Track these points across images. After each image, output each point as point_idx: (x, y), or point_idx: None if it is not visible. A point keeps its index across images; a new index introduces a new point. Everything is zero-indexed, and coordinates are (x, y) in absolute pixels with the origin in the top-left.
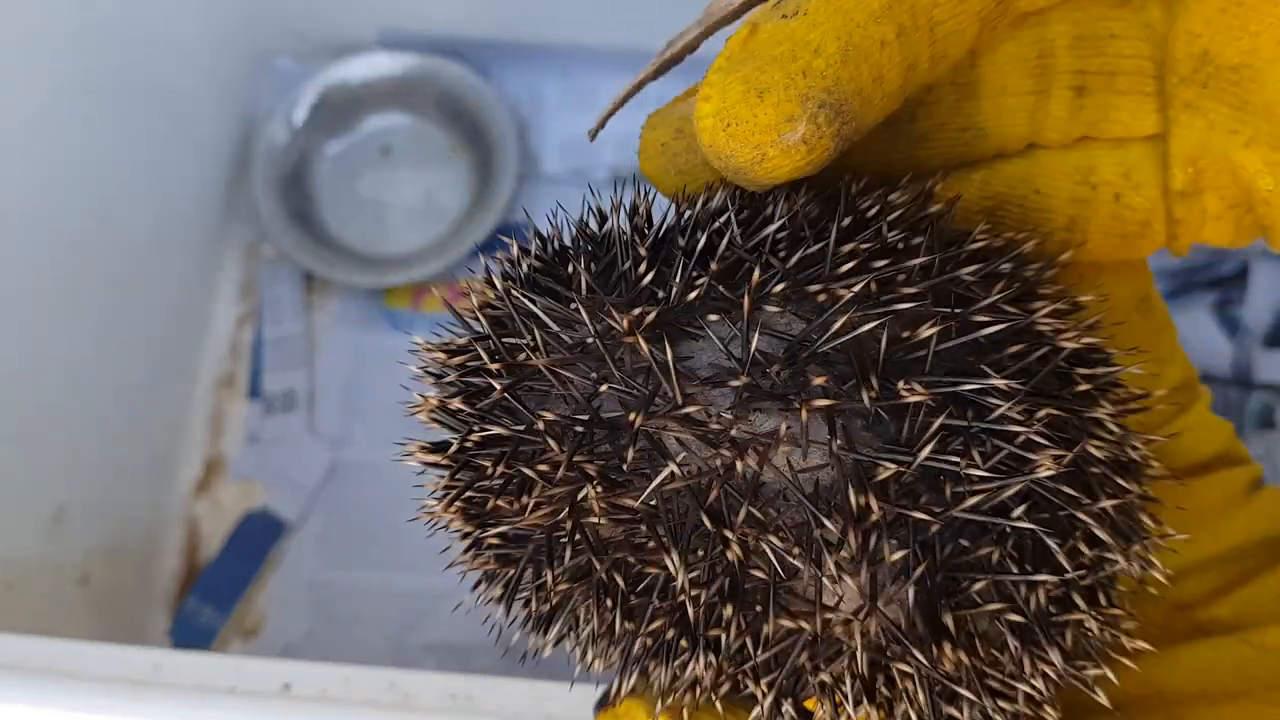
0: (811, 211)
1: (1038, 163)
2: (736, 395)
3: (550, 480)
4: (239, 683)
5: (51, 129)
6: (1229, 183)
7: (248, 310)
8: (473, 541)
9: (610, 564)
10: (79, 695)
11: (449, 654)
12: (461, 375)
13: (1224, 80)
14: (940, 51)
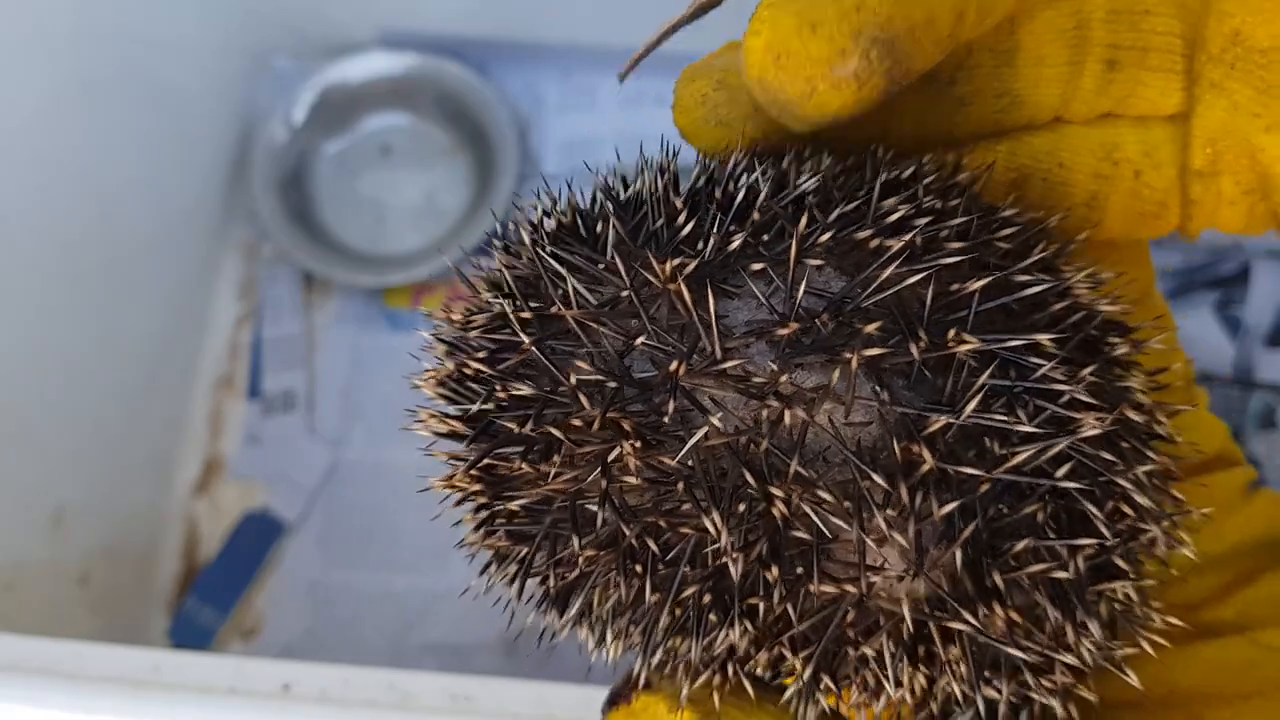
0: (839, 179)
1: (1063, 136)
2: (779, 348)
3: (580, 441)
4: (239, 683)
5: (51, 129)
6: (1247, 167)
7: (247, 310)
8: (488, 515)
9: (640, 529)
10: (79, 696)
11: (448, 654)
12: (484, 333)
13: (1252, 62)
14: (988, 5)
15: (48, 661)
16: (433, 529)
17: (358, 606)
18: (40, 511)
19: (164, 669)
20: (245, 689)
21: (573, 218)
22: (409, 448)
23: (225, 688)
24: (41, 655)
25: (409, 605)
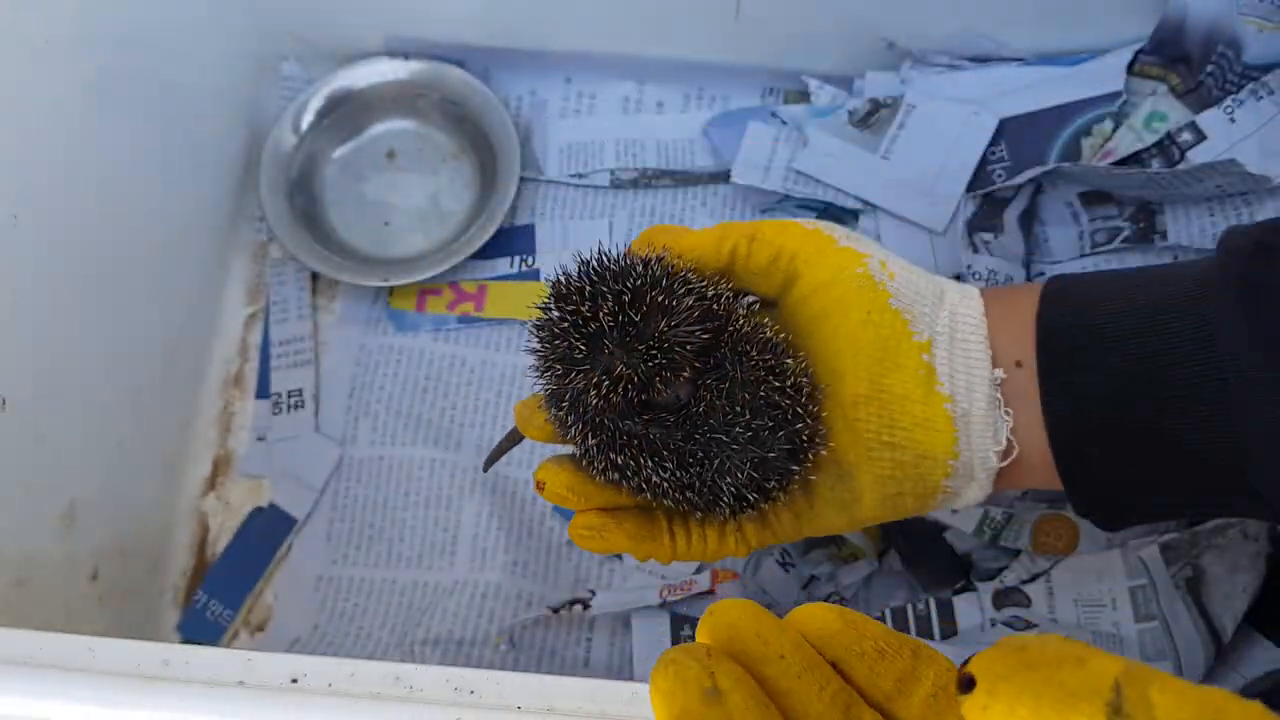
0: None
1: None
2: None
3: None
4: (247, 676)
5: (61, 133)
6: None
7: (256, 310)
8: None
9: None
10: (90, 690)
11: (453, 647)
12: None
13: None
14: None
15: (58, 657)
16: (437, 525)
17: (363, 600)
18: (52, 508)
19: (173, 662)
20: (254, 682)
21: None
22: (413, 445)
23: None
24: (52, 650)
25: (413, 600)
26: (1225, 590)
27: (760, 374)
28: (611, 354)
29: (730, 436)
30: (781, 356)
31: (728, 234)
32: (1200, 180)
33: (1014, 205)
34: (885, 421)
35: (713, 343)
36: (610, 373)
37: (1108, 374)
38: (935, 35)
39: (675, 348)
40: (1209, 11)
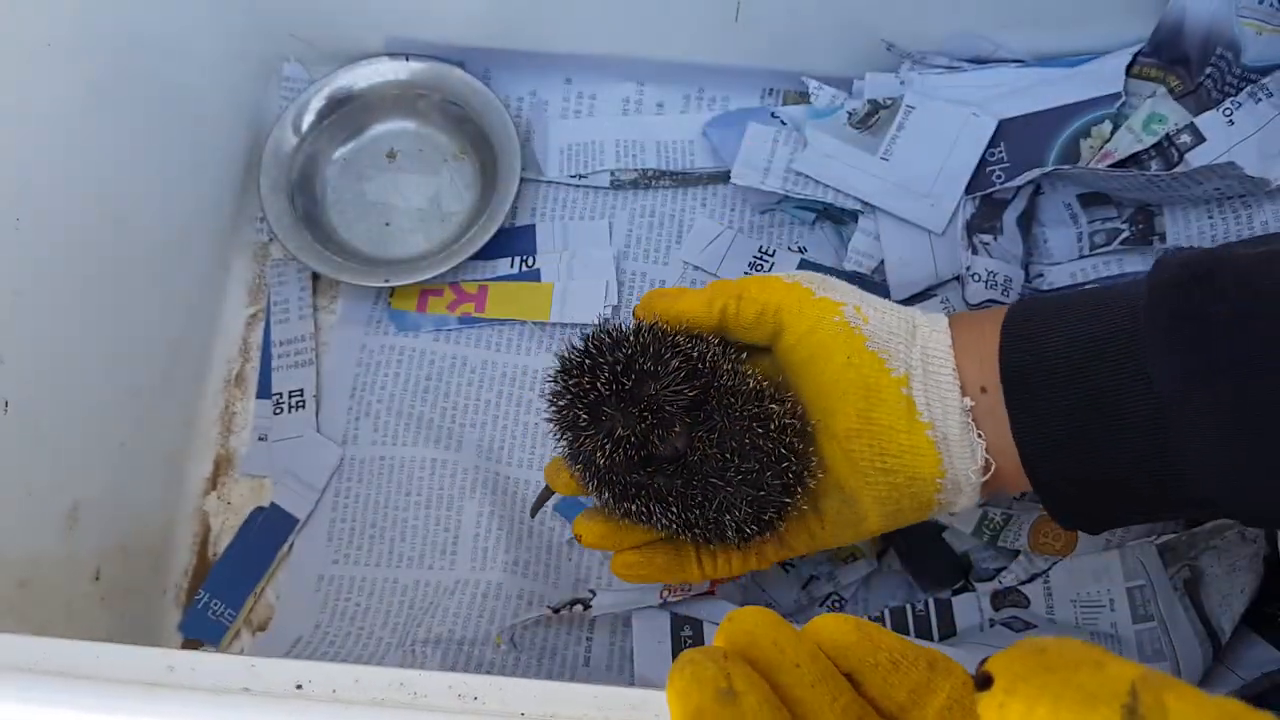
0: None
1: None
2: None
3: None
4: (252, 683)
5: (64, 134)
6: None
7: (257, 311)
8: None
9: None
10: (94, 696)
11: (454, 646)
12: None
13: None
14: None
15: (62, 663)
16: (438, 525)
17: (365, 600)
18: (55, 509)
19: (178, 669)
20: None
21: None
22: (414, 445)
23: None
24: (56, 656)
25: (415, 599)
26: (1223, 591)
27: (746, 422)
28: (611, 419)
29: (724, 480)
30: (766, 403)
31: (716, 295)
32: (1199, 183)
33: (1013, 207)
34: (877, 451)
35: (701, 398)
36: (611, 435)
37: (1064, 405)
38: (934, 36)
39: (666, 407)
40: (1208, 13)
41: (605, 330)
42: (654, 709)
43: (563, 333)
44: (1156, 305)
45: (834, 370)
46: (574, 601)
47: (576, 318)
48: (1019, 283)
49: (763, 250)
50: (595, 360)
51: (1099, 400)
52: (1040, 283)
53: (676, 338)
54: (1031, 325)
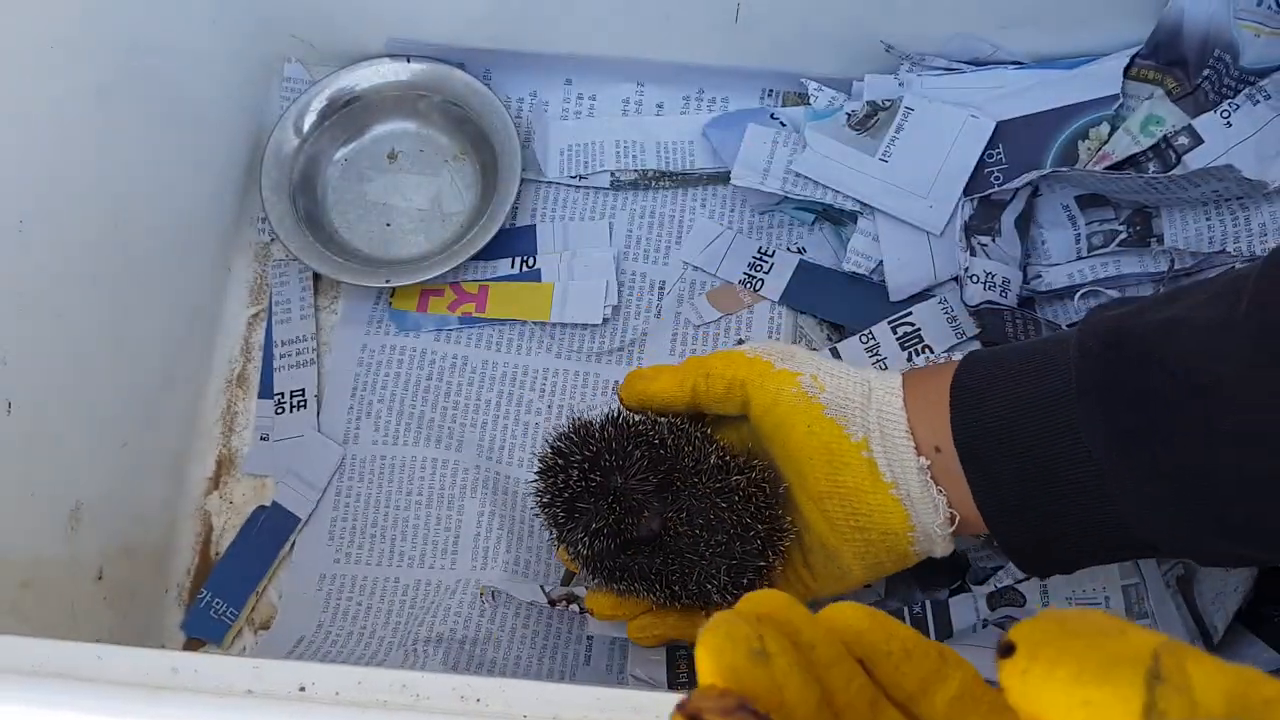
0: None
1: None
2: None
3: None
4: (255, 685)
5: (66, 135)
6: None
7: (259, 311)
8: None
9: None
10: (97, 699)
11: (455, 645)
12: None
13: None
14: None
15: (65, 665)
16: (439, 525)
17: (366, 599)
18: (58, 510)
19: (181, 670)
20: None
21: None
22: (415, 445)
23: (242, 689)
24: (59, 659)
25: (416, 598)
26: (1216, 589)
27: (711, 498)
28: (585, 513)
29: (698, 554)
30: (731, 475)
31: (687, 374)
32: (1196, 185)
33: (1011, 208)
34: (849, 511)
35: (667, 480)
36: (588, 529)
37: (1011, 474)
38: (933, 38)
39: (634, 495)
40: (1206, 15)
41: (574, 429)
42: (656, 711)
43: (563, 332)
44: (1081, 372)
45: (798, 438)
46: (571, 598)
47: (577, 318)
48: (1017, 284)
49: (762, 251)
50: (567, 460)
51: (1042, 469)
52: (1038, 284)
53: (640, 426)
54: (976, 390)
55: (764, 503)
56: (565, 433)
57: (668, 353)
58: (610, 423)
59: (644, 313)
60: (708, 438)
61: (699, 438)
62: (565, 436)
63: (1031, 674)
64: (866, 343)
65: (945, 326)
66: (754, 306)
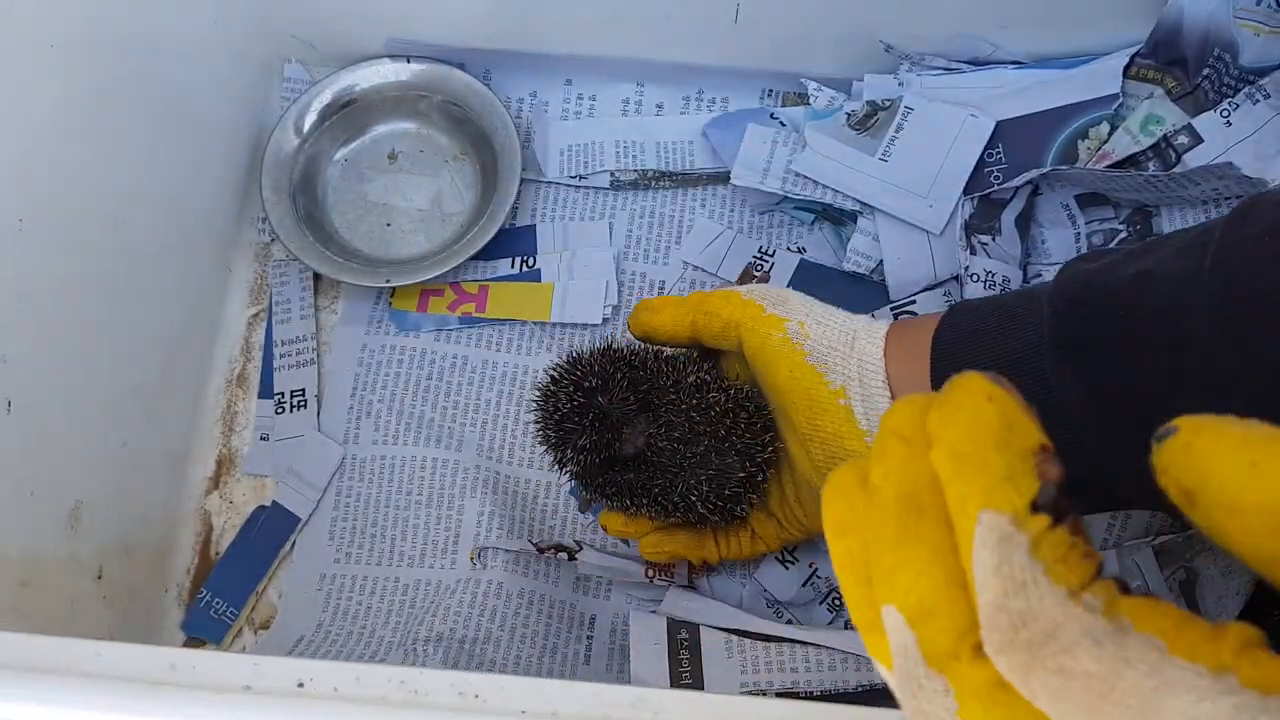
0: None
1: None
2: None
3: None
4: (254, 681)
5: (67, 136)
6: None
7: (259, 311)
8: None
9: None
10: (96, 695)
11: (455, 645)
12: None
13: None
14: None
15: (64, 662)
16: (439, 524)
17: (367, 599)
18: (58, 509)
19: (180, 667)
20: (260, 686)
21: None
22: (415, 445)
23: (241, 686)
24: (58, 655)
25: (416, 598)
26: (1218, 592)
27: (687, 413)
28: (572, 432)
29: (679, 466)
30: (707, 393)
31: (686, 310)
32: (1196, 184)
33: (1011, 207)
34: (828, 453)
35: (647, 400)
36: (575, 447)
37: None
38: (933, 38)
39: (615, 413)
40: (1205, 15)
41: (568, 360)
42: (653, 707)
43: (563, 333)
44: (1054, 326)
45: (781, 382)
46: (559, 547)
47: (577, 318)
48: (1017, 283)
49: (762, 250)
50: (558, 386)
51: None
52: (1038, 283)
53: (626, 353)
54: (955, 344)
55: (744, 419)
56: (560, 363)
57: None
58: (600, 352)
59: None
60: (691, 361)
61: (682, 362)
62: (559, 366)
63: (1195, 445)
64: None
65: None
66: None
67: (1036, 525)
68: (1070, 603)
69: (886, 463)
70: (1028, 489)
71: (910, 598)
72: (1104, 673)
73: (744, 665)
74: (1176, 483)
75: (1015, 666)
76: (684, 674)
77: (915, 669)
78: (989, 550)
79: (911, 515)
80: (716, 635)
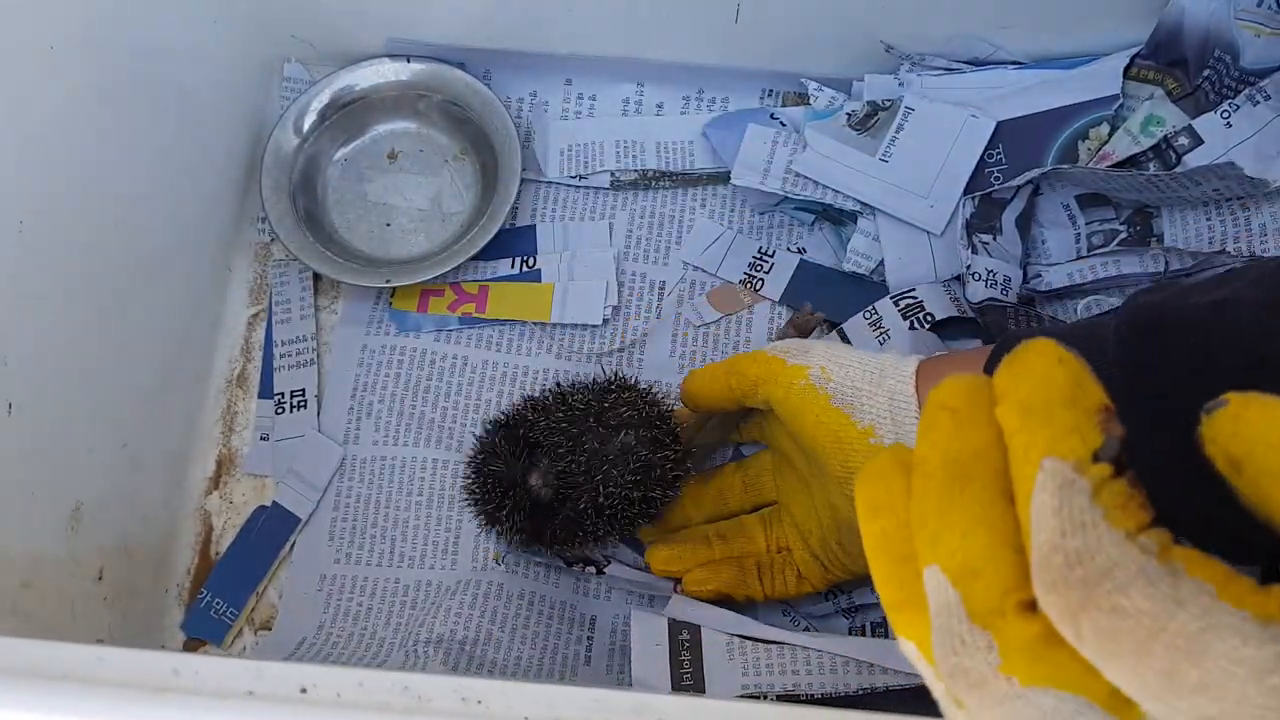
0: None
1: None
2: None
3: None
4: (256, 686)
5: (67, 135)
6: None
7: (259, 311)
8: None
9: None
10: (98, 700)
11: (455, 646)
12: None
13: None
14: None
15: (66, 667)
16: (439, 525)
17: (367, 600)
18: (58, 510)
19: (183, 672)
20: (263, 692)
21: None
22: (415, 445)
23: (243, 691)
24: (60, 660)
25: (417, 599)
26: None
27: (562, 426)
28: (495, 511)
29: (588, 470)
30: (570, 397)
31: (720, 375)
32: (1197, 184)
33: (1012, 207)
34: None
35: (532, 443)
36: (503, 521)
37: None
38: (933, 38)
39: (512, 472)
40: (1206, 16)
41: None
42: (656, 712)
43: (563, 333)
44: (1118, 356)
45: (809, 428)
46: (587, 560)
47: (577, 318)
48: (1017, 282)
49: (762, 251)
50: (475, 477)
51: None
52: (1038, 283)
53: (513, 419)
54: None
55: (613, 396)
56: (471, 456)
57: (668, 354)
58: (496, 431)
59: (644, 313)
60: (562, 398)
61: (557, 395)
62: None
63: (1244, 415)
64: (869, 317)
65: (947, 301)
66: (754, 307)
67: (1099, 473)
68: (1127, 543)
69: (934, 434)
70: (1092, 441)
71: (955, 558)
72: (1156, 612)
73: (745, 667)
74: (1224, 451)
75: (1067, 605)
76: (685, 675)
77: (958, 626)
78: (1049, 494)
79: (959, 482)
80: (718, 637)
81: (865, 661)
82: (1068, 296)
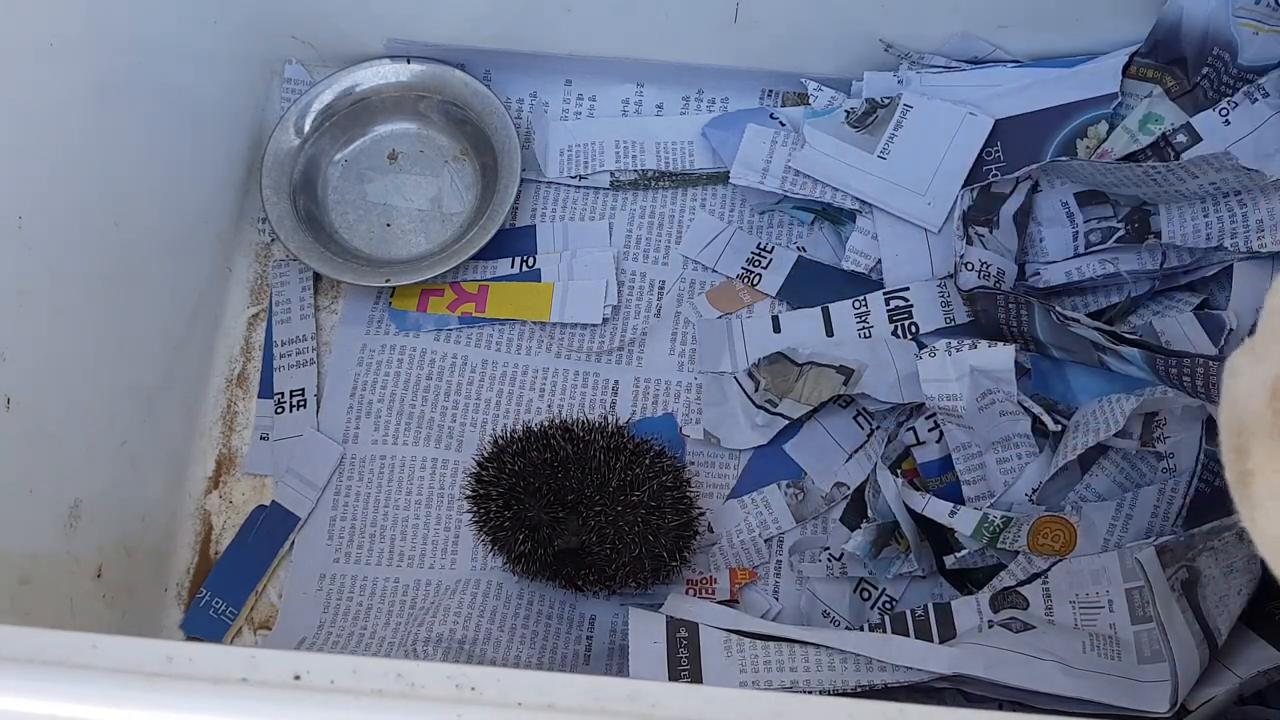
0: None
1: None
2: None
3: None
4: (250, 673)
5: (68, 135)
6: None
7: (259, 311)
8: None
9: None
10: (93, 687)
11: (455, 646)
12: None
13: None
14: None
15: (62, 654)
16: (439, 524)
17: (367, 599)
18: (57, 507)
19: (177, 659)
20: (257, 679)
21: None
22: (414, 445)
23: (237, 678)
24: (55, 648)
25: (416, 598)
26: (1220, 592)
27: (616, 523)
28: (510, 540)
29: (620, 546)
30: (630, 493)
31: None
32: (1195, 176)
33: (1010, 202)
34: None
35: (574, 505)
36: (516, 553)
37: None
38: (932, 37)
39: (547, 521)
40: (1204, 14)
41: (489, 458)
42: (649, 700)
43: (563, 332)
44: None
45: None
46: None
47: (576, 318)
48: (1011, 276)
49: (761, 246)
50: (488, 489)
51: None
52: (1036, 281)
53: (541, 442)
54: None
55: (669, 511)
56: (484, 457)
57: (667, 352)
58: (518, 453)
59: (644, 312)
60: (609, 451)
61: (601, 453)
62: (485, 463)
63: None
64: (858, 308)
65: (937, 309)
66: (753, 305)
67: None
68: None
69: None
70: None
71: None
72: None
73: (743, 665)
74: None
75: None
76: (683, 673)
77: None
78: None
79: None
80: (715, 634)
81: (864, 658)
82: (1065, 294)
